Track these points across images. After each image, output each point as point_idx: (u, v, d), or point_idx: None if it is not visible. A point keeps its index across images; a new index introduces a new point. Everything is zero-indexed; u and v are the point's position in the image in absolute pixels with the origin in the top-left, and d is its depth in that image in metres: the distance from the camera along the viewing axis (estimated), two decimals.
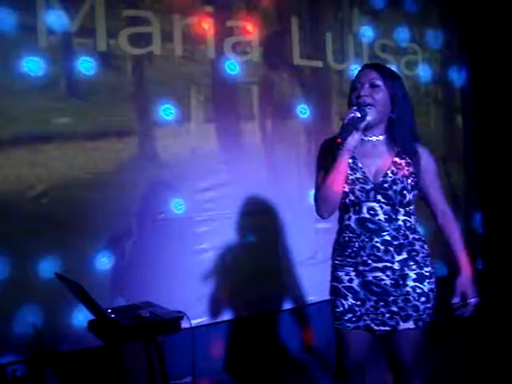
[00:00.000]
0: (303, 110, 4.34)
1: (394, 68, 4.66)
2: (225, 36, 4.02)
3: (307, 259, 4.23)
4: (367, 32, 4.72)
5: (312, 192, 2.48)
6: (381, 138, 2.42)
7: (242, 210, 4.04)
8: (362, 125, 2.31)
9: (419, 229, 2.47)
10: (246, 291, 4.02)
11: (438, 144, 4.98)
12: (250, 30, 4.13)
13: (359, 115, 2.29)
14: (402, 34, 4.95)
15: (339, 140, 2.28)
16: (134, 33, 3.68)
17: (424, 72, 5.08)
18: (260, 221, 4.15)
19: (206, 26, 3.95)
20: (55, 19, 3.43)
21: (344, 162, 2.33)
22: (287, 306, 4.24)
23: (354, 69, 4.14)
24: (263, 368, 3.91)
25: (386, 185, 2.34)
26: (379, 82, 2.36)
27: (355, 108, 2.31)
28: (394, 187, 2.34)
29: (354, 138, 2.31)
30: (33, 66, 3.36)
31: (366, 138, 2.41)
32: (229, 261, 3.96)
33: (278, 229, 4.17)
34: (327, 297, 2.54)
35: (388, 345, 2.48)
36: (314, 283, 4.13)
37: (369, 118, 2.32)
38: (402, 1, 4.96)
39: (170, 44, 3.82)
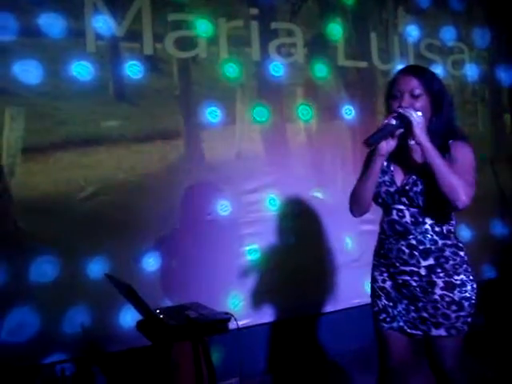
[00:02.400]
0: (348, 111, 4.32)
1: (440, 68, 4.70)
2: (270, 38, 4.04)
3: (352, 261, 4.20)
4: (412, 31, 4.68)
5: None
6: (413, 142, 2.34)
7: (287, 212, 4.04)
8: (398, 132, 2.28)
9: (456, 234, 2.40)
10: (290, 293, 4.01)
11: (485, 144, 4.89)
12: (295, 31, 4.13)
13: (394, 122, 2.25)
14: (448, 33, 4.87)
15: (364, 143, 2.25)
16: (179, 36, 3.72)
17: (471, 71, 5.00)
18: (304, 222, 4.14)
19: (251, 28, 3.97)
20: (103, 24, 3.50)
21: (375, 166, 2.33)
22: (331, 308, 4.21)
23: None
24: (306, 370, 3.90)
25: (407, 187, 2.33)
26: (419, 91, 2.30)
27: (394, 115, 2.27)
28: (415, 188, 2.31)
29: (388, 144, 2.30)
30: (81, 70, 3.42)
31: (402, 142, 2.38)
32: (273, 262, 3.96)
33: (323, 230, 4.15)
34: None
35: (428, 350, 2.45)
36: (359, 286, 4.11)
37: (397, 132, 2.29)
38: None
39: (216, 47, 3.85)
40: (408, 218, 2.33)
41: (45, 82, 3.33)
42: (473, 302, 2.35)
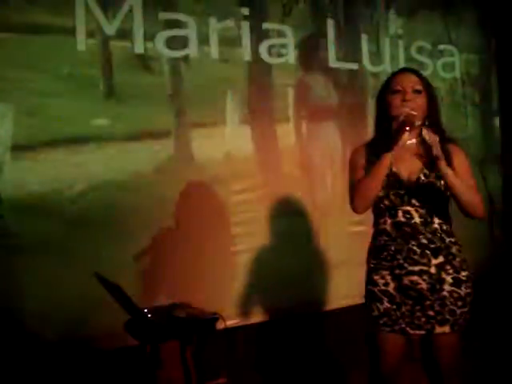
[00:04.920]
0: (339, 113, 4.32)
1: (430, 71, 4.73)
2: (261, 39, 4.04)
3: (341, 262, 4.21)
4: (403, 34, 4.70)
5: (346, 193, 2.48)
6: (414, 141, 2.40)
7: (277, 213, 4.04)
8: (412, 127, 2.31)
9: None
10: (280, 293, 4.01)
11: (475, 147, 4.92)
12: (286, 32, 4.14)
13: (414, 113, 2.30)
14: (439, 36, 4.90)
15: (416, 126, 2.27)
16: (170, 35, 3.72)
17: (461, 74, 5.03)
18: (294, 223, 4.15)
19: (242, 28, 3.97)
20: (94, 22, 3.48)
21: (388, 160, 2.31)
22: (321, 308, 4.23)
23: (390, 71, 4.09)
24: (295, 370, 3.90)
25: (419, 188, 2.35)
26: (420, 87, 2.38)
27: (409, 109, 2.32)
28: (428, 190, 2.35)
29: (408, 137, 2.30)
30: (71, 68, 3.40)
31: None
32: (262, 263, 3.96)
33: (312, 231, 4.16)
34: (361, 300, 2.53)
35: (424, 349, 2.48)
36: (348, 286, 4.11)
37: (417, 123, 2.32)
38: (438, 2, 4.92)
39: (207, 47, 3.85)
40: (417, 219, 2.36)
41: (35, 79, 3.31)
42: (472, 298, 2.41)
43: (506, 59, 5.23)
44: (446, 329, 2.36)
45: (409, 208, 2.36)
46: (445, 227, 2.39)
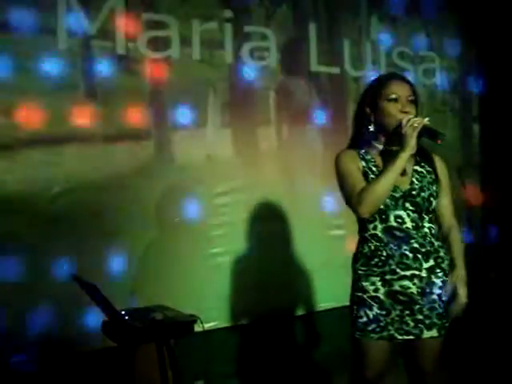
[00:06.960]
0: (319, 117, 4.34)
1: (411, 76, 4.75)
2: (243, 41, 4.04)
3: (320, 265, 4.21)
4: (385, 39, 4.72)
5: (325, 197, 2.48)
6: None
7: (257, 216, 4.04)
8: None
9: None
10: (259, 296, 4.00)
11: (454, 154, 4.94)
12: (268, 35, 4.14)
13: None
14: (420, 42, 4.93)
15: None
16: (152, 36, 3.71)
17: (441, 80, 5.06)
18: (274, 226, 4.14)
19: (225, 30, 3.97)
20: (75, 21, 3.46)
21: (406, 160, 2.30)
22: (299, 312, 4.23)
23: (372, 76, 4.10)
24: (274, 374, 3.90)
25: (414, 192, 2.38)
26: (413, 98, 2.40)
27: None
28: (422, 194, 2.38)
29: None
30: (52, 67, 3.38)
31: (389, 149, 2.43)
32: (242, 265, 3.96)
33: (292, 235, 4.16)
34: (339, 304, 2.53)
35: (409, 354, 2.49)
36: (327, 290, 4.12)
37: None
38: (420, 8, 4.95)
39: (189, 48, 3.84)
40: (409, 224, 2.37)
41: (14, 77, 3.28)
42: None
43: (487, 65, 5.27)
44: (434, 333, 2.39)
45: (401, 212, 2.37)
46: (433, 231, 2.42)
